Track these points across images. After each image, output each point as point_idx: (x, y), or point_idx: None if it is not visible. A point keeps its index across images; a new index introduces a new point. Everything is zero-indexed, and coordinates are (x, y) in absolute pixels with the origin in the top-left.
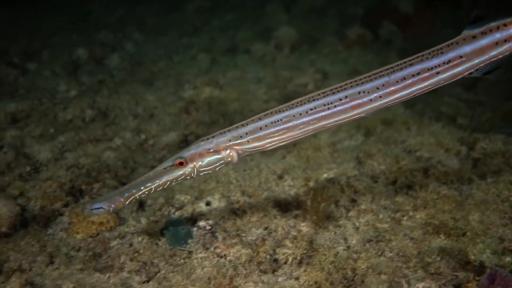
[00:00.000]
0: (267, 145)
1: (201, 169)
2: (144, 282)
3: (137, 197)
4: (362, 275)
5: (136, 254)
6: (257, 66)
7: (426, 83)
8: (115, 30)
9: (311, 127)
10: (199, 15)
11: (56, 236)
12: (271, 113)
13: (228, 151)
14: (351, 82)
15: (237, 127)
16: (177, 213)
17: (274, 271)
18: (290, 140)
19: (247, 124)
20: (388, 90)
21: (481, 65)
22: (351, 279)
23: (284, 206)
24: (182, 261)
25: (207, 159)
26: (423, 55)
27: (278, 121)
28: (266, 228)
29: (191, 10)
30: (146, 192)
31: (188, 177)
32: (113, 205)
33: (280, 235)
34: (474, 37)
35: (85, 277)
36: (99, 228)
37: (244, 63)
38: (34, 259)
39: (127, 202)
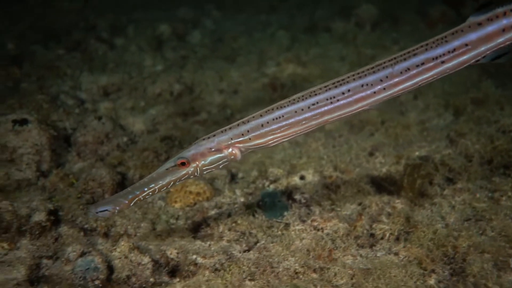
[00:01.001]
0: (270, 142)
1: (204, 168)
2: (244, 251)
3: (141, 199)
4: (463, 253)
5: (234, 224)
6: (339, 44)
7: (431, 73)
8: (194, 7)
9: (314, 122)
10: None
11: (155, 204)
12: (272, 109)
13: (230, 149)
14: (353, 75)
15: (238, 124)
16: (272, 186)
17: (372, 245)
18: (294, 136)
19: (248, 122)
20: (392, 81)
21: (488, 52)
22: (452, 257)
23: (377, 183)
24: (279, 232)
25: (210, 158)
26: (427, 44)
27: (280, 117)
28: (360, 204)
29: None
30: (150, 193)
31: (192, 176)
32: (117, 208)
33: (375, 211)
34: (480, 24)
35: (187, 244)
36: (196, 198)
37: (325, 41)
38: (139, 225)
39: (131, 204)
